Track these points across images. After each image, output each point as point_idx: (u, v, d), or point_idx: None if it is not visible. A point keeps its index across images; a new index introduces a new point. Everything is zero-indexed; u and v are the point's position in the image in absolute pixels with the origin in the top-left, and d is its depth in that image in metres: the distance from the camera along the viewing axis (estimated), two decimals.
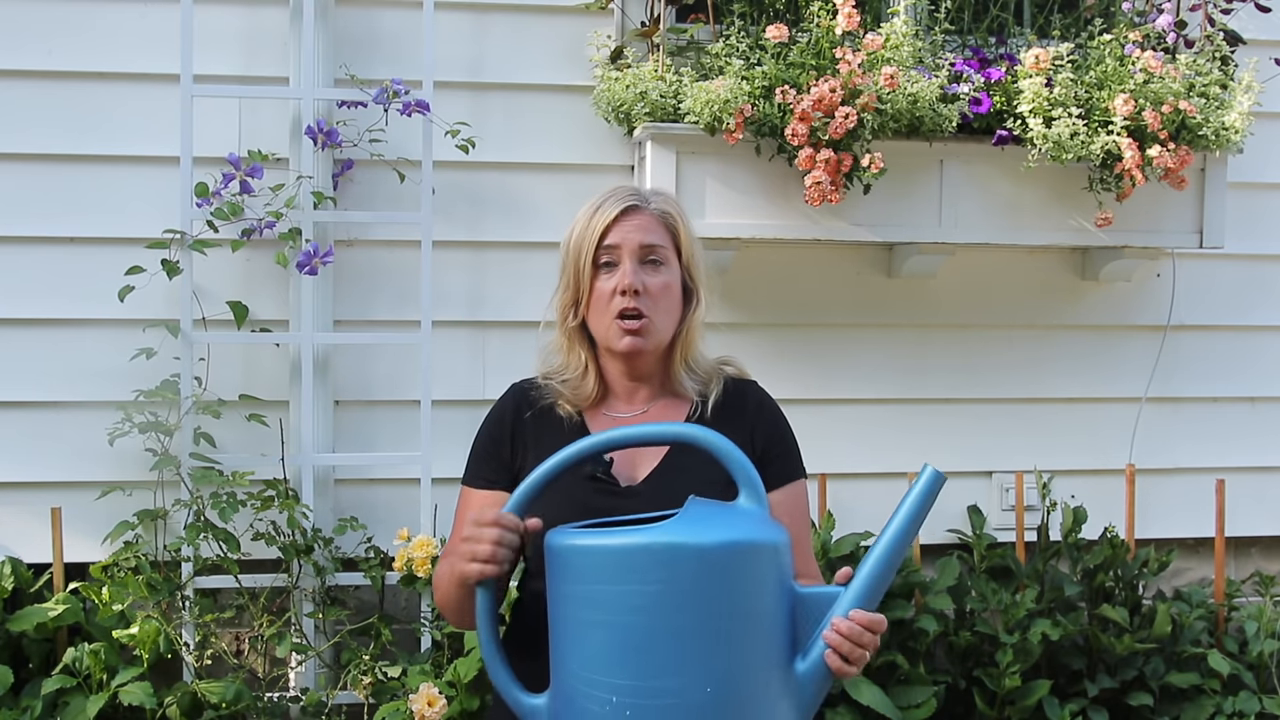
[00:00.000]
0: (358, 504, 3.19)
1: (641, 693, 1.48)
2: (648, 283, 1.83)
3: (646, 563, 1.48)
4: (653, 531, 1.51)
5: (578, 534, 1.55)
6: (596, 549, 1.51)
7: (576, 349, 1.90)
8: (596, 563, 1.51)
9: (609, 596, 1.50)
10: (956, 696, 3.24)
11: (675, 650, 1.48)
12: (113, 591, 2.92)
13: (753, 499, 1.59)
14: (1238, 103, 3.21)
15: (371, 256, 3.23)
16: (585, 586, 1.52)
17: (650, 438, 1.68)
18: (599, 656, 1.51)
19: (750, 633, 1.51)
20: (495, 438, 1.89)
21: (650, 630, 1.48)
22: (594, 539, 1.53)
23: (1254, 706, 3.23)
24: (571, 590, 1.53)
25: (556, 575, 1.56)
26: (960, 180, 3.21)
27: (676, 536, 1.50)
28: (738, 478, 1.60)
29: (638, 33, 3.21)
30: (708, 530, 1.51)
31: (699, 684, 1.48)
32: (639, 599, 1.48)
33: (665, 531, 1.51)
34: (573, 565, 1.53)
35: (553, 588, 1.57)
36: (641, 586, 1.48)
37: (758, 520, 1.57)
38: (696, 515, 1.54)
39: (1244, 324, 3.64)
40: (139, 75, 3.12)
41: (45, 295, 3.11)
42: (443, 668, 2.98)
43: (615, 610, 1.49)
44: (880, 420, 3.46)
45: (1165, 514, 3.57)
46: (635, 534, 1.51)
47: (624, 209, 1.85)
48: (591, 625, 1.51)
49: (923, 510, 1.60)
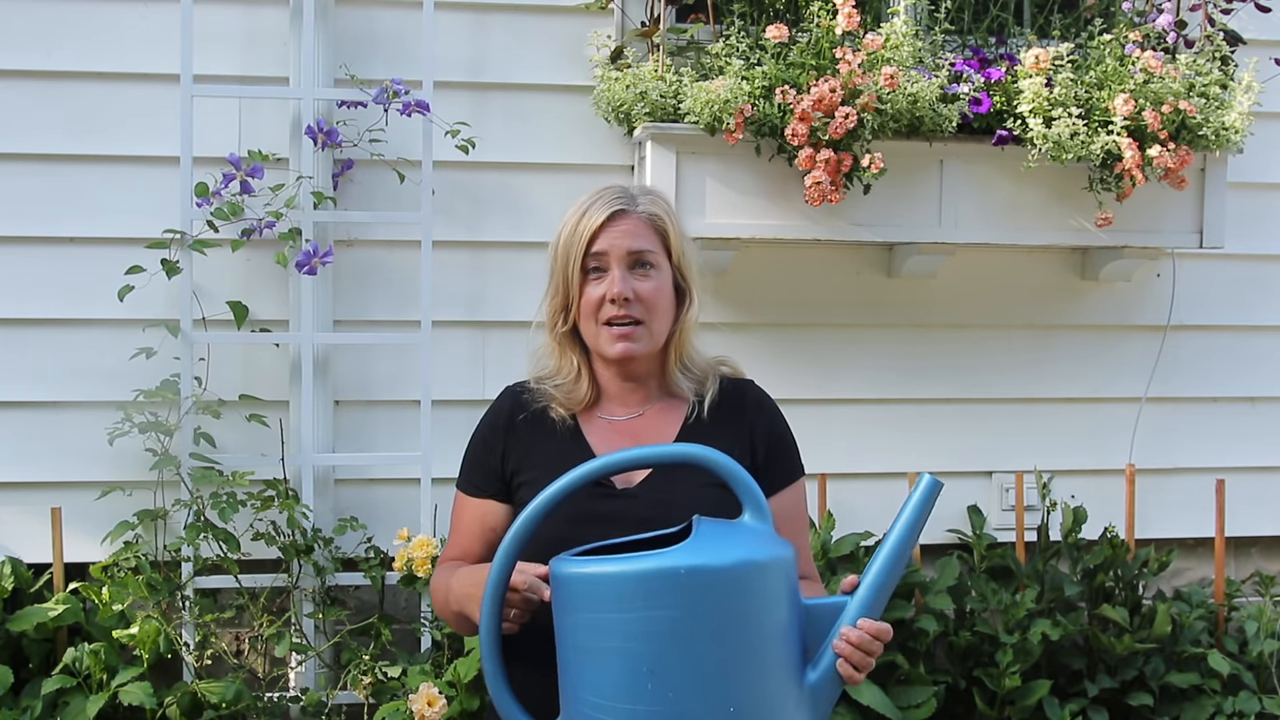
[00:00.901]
0: (358, 504, 3.19)
1: (664, 717, 1.47)
2: (638, 289, 1.81)
3: (664, 588, 1.47)
4: (670, 555, 1.49)
5: (585, 561, 1.53)
6: (610, 576, 1.49)
7: (568, 354, 1.88)
8: (610, 590, 1.49)
9: (626, 624, 1.47)
10: (956, 696, 3.24)
11: (697, 673, 1.47)
12: (113, 591, 2.92)
13: (757, 515, 1.59)
14: (1238, 103, 3.21)
15: (371, 256, 3.23)
16: (599, 615, 1.49)
17: (654, 459, 1.67)
18: (617, 684, 1.49)
19: (768, 648, 1.52)
20: (488, 444, 1.89)
21: (670, 655, 1.47)
22: (606, 566, 1.50)
23: (1254, 706, 3.23)
24: (583, 619, 1.51)
25: (566, 604, 1.53)
26: (960, 180, 3.21)
27: (694, 559, 1.48)
28: (742, 496, 1.60)
29: (638, 33, 3.20)
30: (724, 551, 1.50)
31: (722, 704, 1.48)
32: (658, 624, 1.47)
33: (683, 554, 1.49)
34: (584, 594, 1.51)
35: (561, 616, 1.55)
36: (660, 611, 1.47)
37: (767, 537, 1.57)
38: (708, 536, 1.53)
39: (1244, 324, 3.63)
40: (139, 75, 3.12)
41: (45, 295, 3.11)
42: (443, 668, 2.98)
43: (633, 637, 1.47)
44: (880, 420, 3.46)
45: (1165, 514, 3.57)
46: (652, 559, 1.49)
47: (611, 214, 1.82)
48: (607, 653, 1.49)
49: (922, 517, 1.62)
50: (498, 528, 1.83)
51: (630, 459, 1.63)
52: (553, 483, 1.59)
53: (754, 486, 1.60)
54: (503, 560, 1.60)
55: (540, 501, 1.59)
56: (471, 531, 1.89)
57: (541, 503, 1.59)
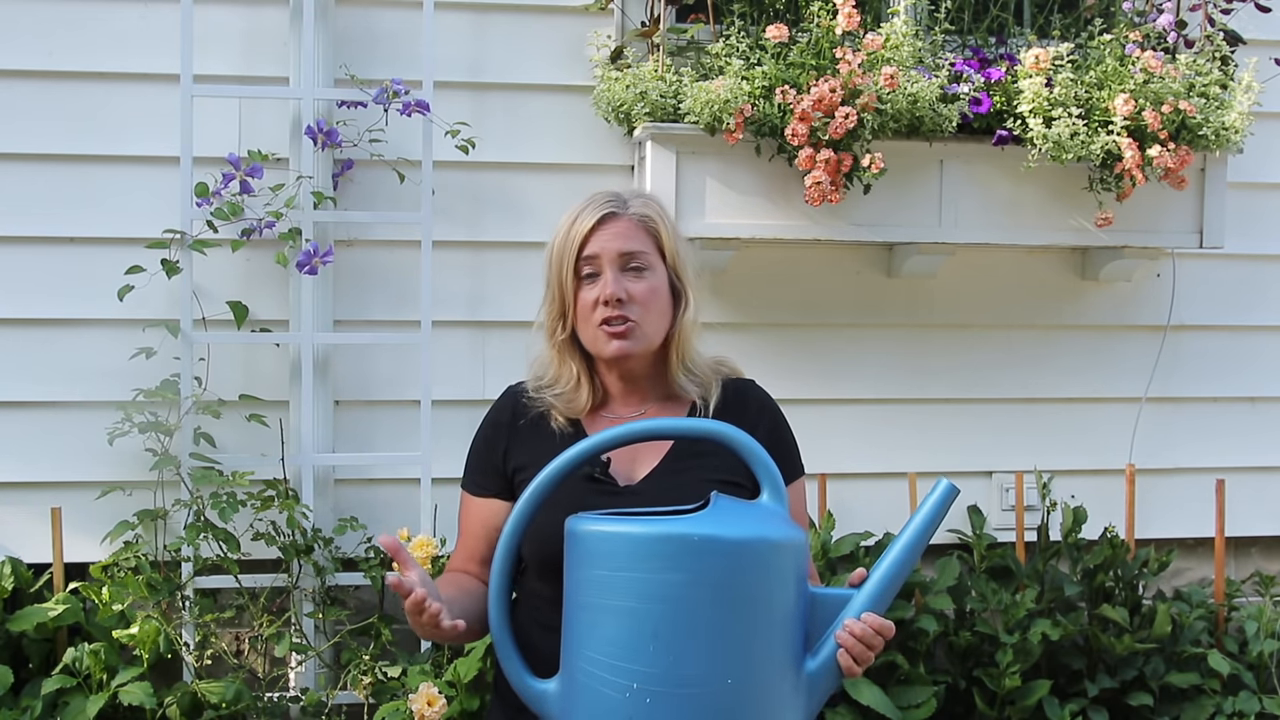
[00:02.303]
0: (358, 504, 3.19)
1: (663, 680, 1.50)
2: (631, 289, 1.82)
3: (680, 551, 1.50)
4: (688, 522, 1.53)
5: (605, 519, 1.56)
6: (628, 536, 1.53)
7: (568, 362, 1.88)
8: (627, 549, 1.52)
9: (637, 583, 1.51)
10: (956, 696, 3.24)
11: (701, 640, 1.50)
12: (113, 591, 2.92)
13: (775, 497, 1.63)
14: (1238, 103, 3.21)
15: (371, 256, 3.23)
16: (612, 572, 1.52)
17: (674, 431, 1.70)
18: (621, 643, 1.52)
19: (772, 628, 1.55)
20: (491, 442, 1.89)
21: (677, 619, 1.50)
22: (625, 525, 1.54)
23: (1254, 706, 3.23)
24: (595, 575, 1.54)
25: (579, 560, 1.56)
26: (960, 180, 3.21)
27: (712, 528, 1.52)
28: (760, 474, 1.64)
29: (638, 33, 3.21)
30: (741, 525, 1.54)
31: (721, 675, 1.50)
32: (669, 588, 1.50)
33: (700, 523, 1.53)
34: (600, 550, 1.54)
35: (573, 573, 1.58)
36: (673, 575, 1.50)
37: (783, 519, 1.61)
38: (727, 509, 1.57)
39: (1244, 324, 3.63)
40: (139, 75, 3.12)
41: (45, 295, 3.11)
42: (443, 668, 2.98)
43: (642, 597, 1.51)
44: (880, 420, 3.46)
45: (1165, 514, 3.57)
46: (670, 523, 1.53)
47: (601, 217, 1.83)
48: (614, 611, 1.52)
49: (936, 520, 1.63)
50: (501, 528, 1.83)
51: (648, 429, 1.66)
52: (564, 452, 1.62)
53: (772, 466, 1.63)
54: (508, 539, 1.65)
55: (550, 471, 1.63)
56: (476, 533, 1.90)
57: (553, 471, 1.63)
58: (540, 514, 1.66)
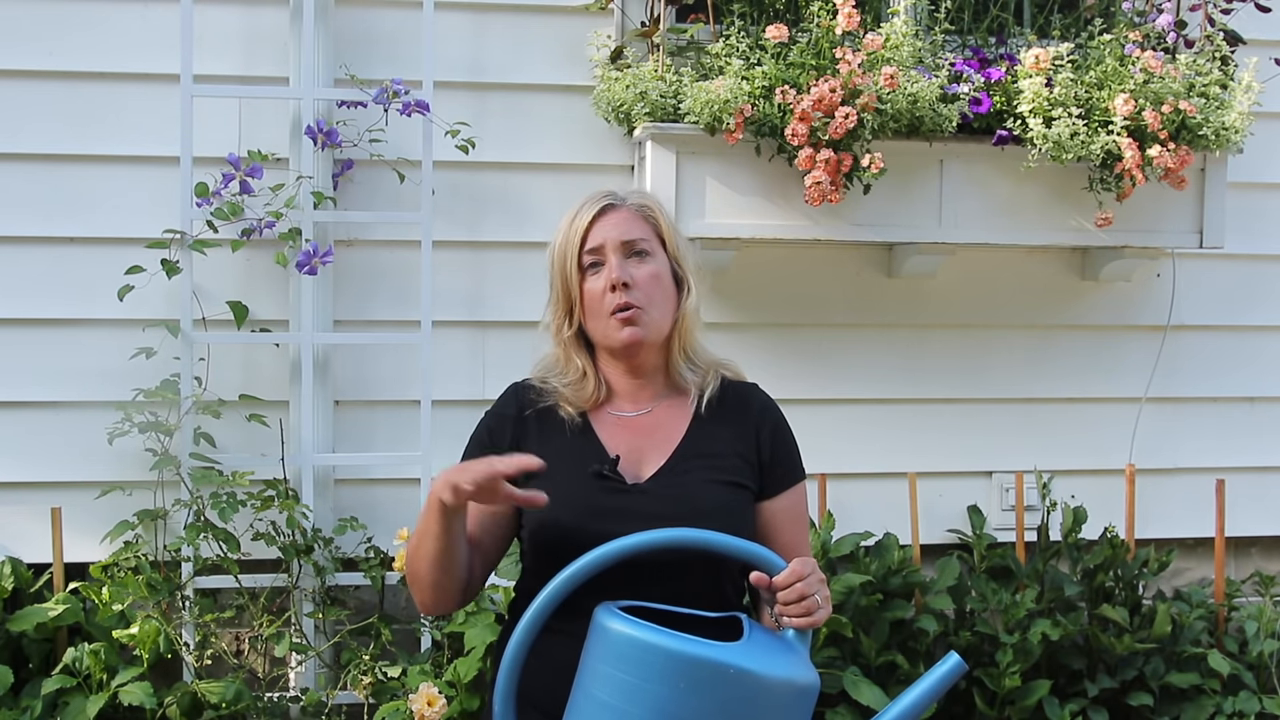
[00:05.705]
0: (358, 504, 3.19)
1: None
2: (635, 274, 1.84)
3: (713, 678, 1.49)
4: (727, 651, 1.50)
5: (646, 628, 1.52)
6: (667, 651, 1.49)
7: (574, 359, 1.90)
8: (660, 663, 1.49)
9: (662, 699, 1.48)
10: (956, 696, 3.24)
11: None
12: (113, 591, 2.92)
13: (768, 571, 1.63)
14: (1238, 103, 3.21)
15: (371, 256, 3.23)
16: (641, 682, 1.50)
17: (664, 542, 1.63)
18: None
19: None
20: (495, 433, 1.89)
21: None
22: (666, 640, 1.50)
23: (1254, 706, 3.23)
24: (622, 679, 1.51)
25: (607, 656, 1.53)
26: (960, 180, 3.21)
27: (749, 662, 1.50)
28: (754, 563, 1.63)
29: (638, 33, 3.21)
30: (775, 663, 1.53)
31: None
32: (691, 712, 1.48)
33: (738, 654, 1.51)
34: (632, 657, 1.51)
35: (598, 665, 1.54)
36: (699, 701, 1.48)
37: (805, 661, 1.59)
38: (761, 643, 1.56)
39: (1244, 324, 3.63)
40: (139, 75, 3.12)
41: (45, 295, 3.11)
42: (442, 668, 2.99)
43: (660, 714, 1.49)
44: (880, 420, 3.46)
45: (1165, 514, 3.57)
46: (704, 647, 1.50)
47: (601, 209, 1.87)
48: (625, 716, 1.50)
49: (940, 690, 1.65)
50: (497, 513, 1.83)
51: (641, 544, 1.60)
52: (569, 566, 1.59)
53: (761, 553, 1.62)
54: (526, 627, 1.59)
55: (563, 577, 1.59)
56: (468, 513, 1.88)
57: (564, 578, 1.59)
58: (551, 510, 1.66)
